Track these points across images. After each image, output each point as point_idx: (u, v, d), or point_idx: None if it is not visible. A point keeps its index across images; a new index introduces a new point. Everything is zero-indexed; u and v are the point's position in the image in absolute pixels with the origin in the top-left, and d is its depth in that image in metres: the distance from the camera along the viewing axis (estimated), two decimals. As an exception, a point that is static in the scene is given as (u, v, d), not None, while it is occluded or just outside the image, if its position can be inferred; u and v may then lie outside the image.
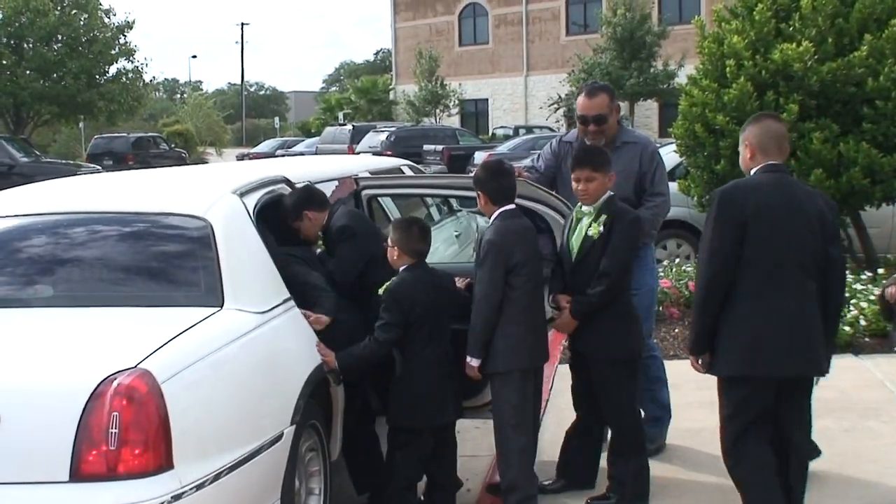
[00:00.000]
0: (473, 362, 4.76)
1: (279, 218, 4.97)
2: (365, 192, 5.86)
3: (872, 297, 8.48)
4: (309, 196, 5.09)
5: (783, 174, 4.43)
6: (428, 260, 4.98)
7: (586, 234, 4.83)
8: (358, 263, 4.99)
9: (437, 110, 49.07)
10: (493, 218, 4.84)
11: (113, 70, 44.23)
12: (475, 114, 53.20)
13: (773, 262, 4.22)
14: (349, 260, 4.99)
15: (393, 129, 35.18)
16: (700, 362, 4.39)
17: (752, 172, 4.40)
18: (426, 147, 31.68)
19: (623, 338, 4.91)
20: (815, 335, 4.27)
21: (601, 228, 4.78)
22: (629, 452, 4.98)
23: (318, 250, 5.21)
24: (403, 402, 4.81)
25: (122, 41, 43.99)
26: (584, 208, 4.90)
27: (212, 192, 4.71)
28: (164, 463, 3.39)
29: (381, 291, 4.77)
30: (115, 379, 3.36)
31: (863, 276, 9.23)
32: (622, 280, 4.86)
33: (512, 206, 4.86)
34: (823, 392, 6.33)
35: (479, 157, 26.20)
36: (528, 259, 4.78)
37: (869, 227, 10.16)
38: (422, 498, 4.99)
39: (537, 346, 4.89)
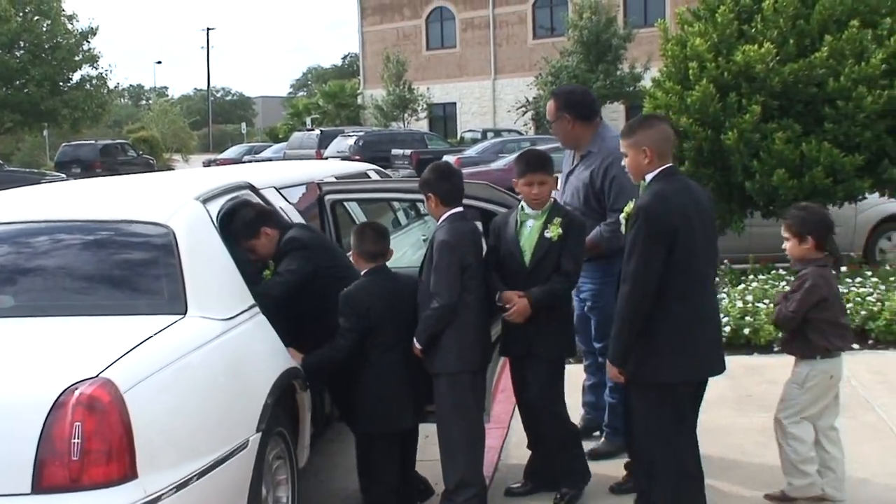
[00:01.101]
0: (418, 346, 4.80)
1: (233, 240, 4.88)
2: (328, 198, 5.86)
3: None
4: (263, 213, 5.05)
5: (681, 176, 4.52)
6: (396, 264, 5.00)
7: (542, 236, 4.84)
8: (301, 272, 4.83)
9: (406, 114, 49.06)
10: (442, 220, 4.85)
11: (77, 77, 43.94)
12: (443, 118, 53.18)
13: (700, 264, 4.32)
14: (291, 268, 4.84)
15: (361, 133, 35.08)
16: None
17: (650, 178, 4.36)
18: (394, 151, 31.60)
19: (568, 337, 5.06)
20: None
21: (560, 230, 4.82)
22: (570, 444, 5.10)
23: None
24: (372, 407, 4.82)
25: (85, 47, 43.67)
26: (529, 211, 4.91)
27: (174, 199, 4.70)
28: (128, 472, 3.36)
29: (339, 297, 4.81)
30: (77, 389, 3.34)
31: (826, 275, 9.30)
32: (576, 282, 5.02)
33: (461, 209, 4.90)
34: (788, 390, 6.35)
35: (449, 161, 26.16)
36: (478, 261, 4.83)
37: (832, 227, 10.24)
38: None
39: (486, 347, 4.95)
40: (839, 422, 5.05)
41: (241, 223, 4.89)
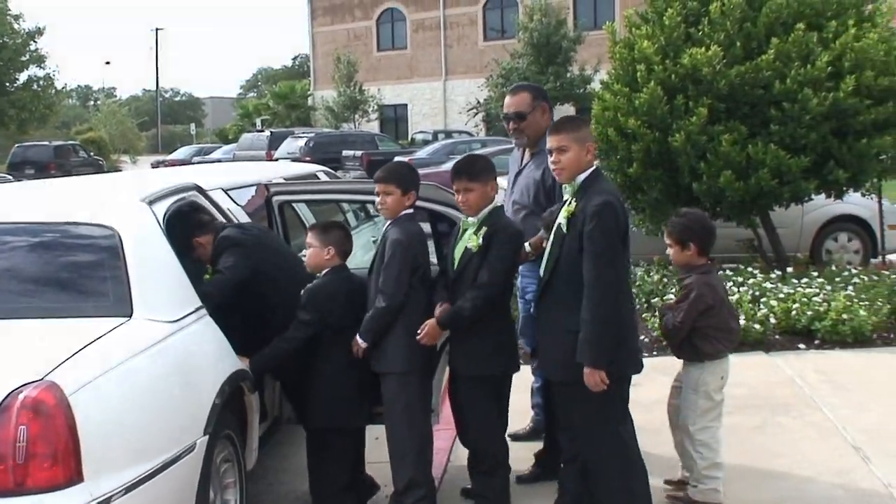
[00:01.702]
0: (362, 344, 4.78)
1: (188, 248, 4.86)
2: (276, 199, 5.83)
3: (782, 296, 8.68)
4: (191, 224, 4.98)
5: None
6: (346, 264, 5.03)
7: (466, 245, 4.77)
8: (237, 267, 4.79)
9: (357, 116, 48.97)
10: (395, 219, 4.85)
11: (23, 77, 43.37)
12: (394, 119, 53.16)
13: (627, 261, 4.43)
14: (227, 265, 4.79)
15: (312, 134, 34.93)
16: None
17: (583, 177, 4.37)
18: (345, 153, 31.50)
19: (490, 355, 4.78)
20: None
21: (480, 241, 4.70)
22: (491, 470, 4.92)
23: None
24: (327, 404, 4.85)
25: (32, 47, 43.10)
26: (470, 219, 4.82)
27: (120, 201, 4.67)
28: (73, 476, 3.34)
29: (302, 293, 4.83)
30: (22, 392, 3.31)
31: (772, 276, 9.42)
32: (495, 295, 4.73)
33: (412, 210, 4.91)
34: (735, 389, 6.48)
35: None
36: (426, 263, 4.87)
37: (778, 228, 10.39)
38: None
39: (432, 349, 4.94)
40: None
41: (177, 241, 4.84)
